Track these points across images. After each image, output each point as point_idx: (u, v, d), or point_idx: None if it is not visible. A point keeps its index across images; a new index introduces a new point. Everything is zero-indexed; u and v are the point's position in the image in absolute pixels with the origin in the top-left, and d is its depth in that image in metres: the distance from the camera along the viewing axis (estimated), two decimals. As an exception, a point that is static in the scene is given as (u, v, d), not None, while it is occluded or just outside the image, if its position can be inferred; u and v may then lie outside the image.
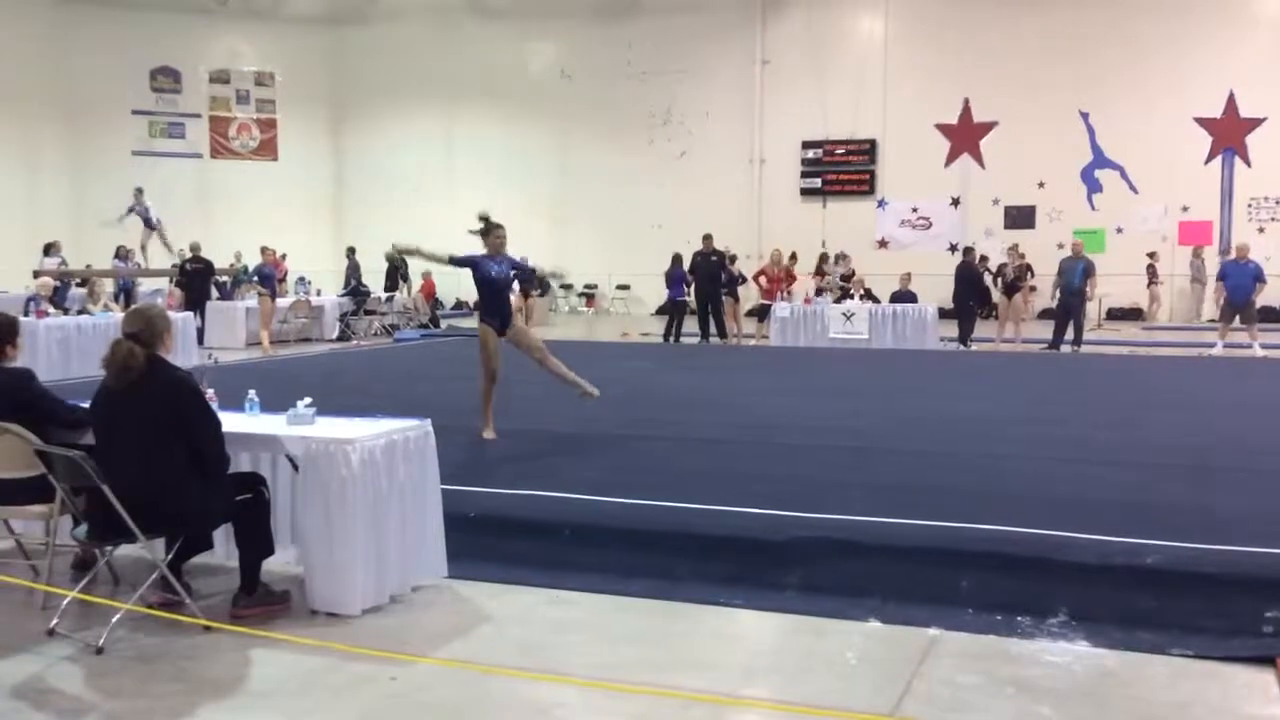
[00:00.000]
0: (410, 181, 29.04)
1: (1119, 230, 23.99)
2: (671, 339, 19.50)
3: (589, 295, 28.44)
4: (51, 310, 15.29)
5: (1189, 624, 4.75)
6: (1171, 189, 23.69)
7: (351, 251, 24.29)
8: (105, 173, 26.52)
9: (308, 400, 5.50)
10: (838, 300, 19.18)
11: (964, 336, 18.41)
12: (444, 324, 23.50)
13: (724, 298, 19.50)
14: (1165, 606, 4.89)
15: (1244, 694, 4.25)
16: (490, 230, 8.97)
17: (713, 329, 19.37)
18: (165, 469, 4.76)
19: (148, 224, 22.79)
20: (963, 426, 9.67)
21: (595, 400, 9.10)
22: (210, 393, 5.39)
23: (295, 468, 5.16)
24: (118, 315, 13.97)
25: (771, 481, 7.10)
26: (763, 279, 20.04)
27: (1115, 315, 23.74)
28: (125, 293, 20.87)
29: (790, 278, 20.28)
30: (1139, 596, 5.00)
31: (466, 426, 8.69)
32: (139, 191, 22.91)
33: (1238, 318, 17.58)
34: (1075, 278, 17.75)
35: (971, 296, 18.90)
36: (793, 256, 21.31)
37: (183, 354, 14.40)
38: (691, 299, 19.85)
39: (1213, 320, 20.06)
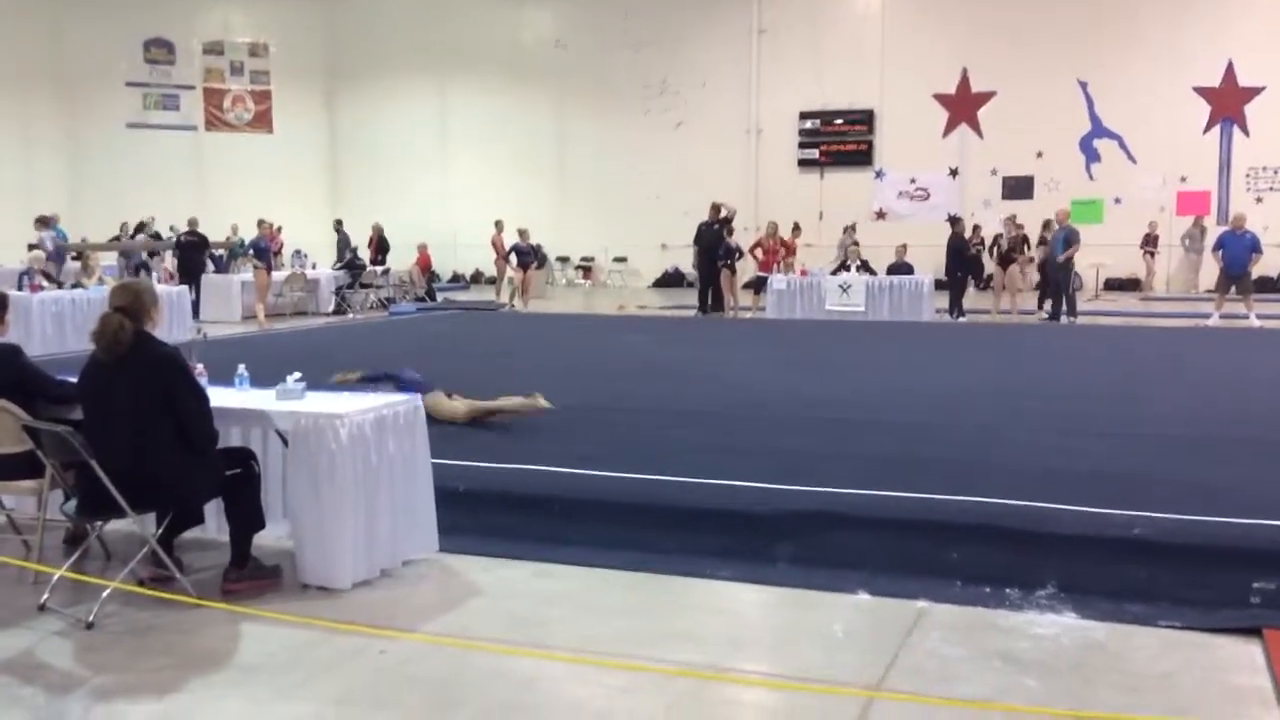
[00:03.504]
0: (405, 153, 28.93)
1: (1117, 200, 23.90)
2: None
3: (586, 268, 28.37)
4: (46, 284, 15.25)
5: (1177, 596, 4.77)
6: (1170, 159, 23.59)
7: (339, 224, 24.24)
8: (101, 145, 26.39)
9: (297, 375, 5.49)
10: (834, 272, 19.14)
11: (954, 308, 18.41)
12: (440, 297, 23.47)
13: (722, 270, 19.47)
14: (1154, 578, 4.91)
15: (1231, 665, 4.27)
16: None
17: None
18: (154, 444, 4.76)
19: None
20: (955, 398, 9.67)
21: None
22: (200, 368, 5.39)
23: (285, 442, 5.15)
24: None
25: (763, 455, 7.11)
26: (759, 251, 20.00)
27: (1113, 286, 23.71)
28: (141, 268, 20.65)
29: (788, 249, 20.23)
30: (1128, 568, 5.01)
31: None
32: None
33: (1234, 288, 17.55)
34: (1057, 247, 17.78)
35: (960, 267, 18.90)
36: (795, 228, 21.25)
37: (177, 328, 14.40)
38: (692, 270, 19.76)
39: (1210, 291, 20.02)
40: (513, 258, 21.88)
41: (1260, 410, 8.89)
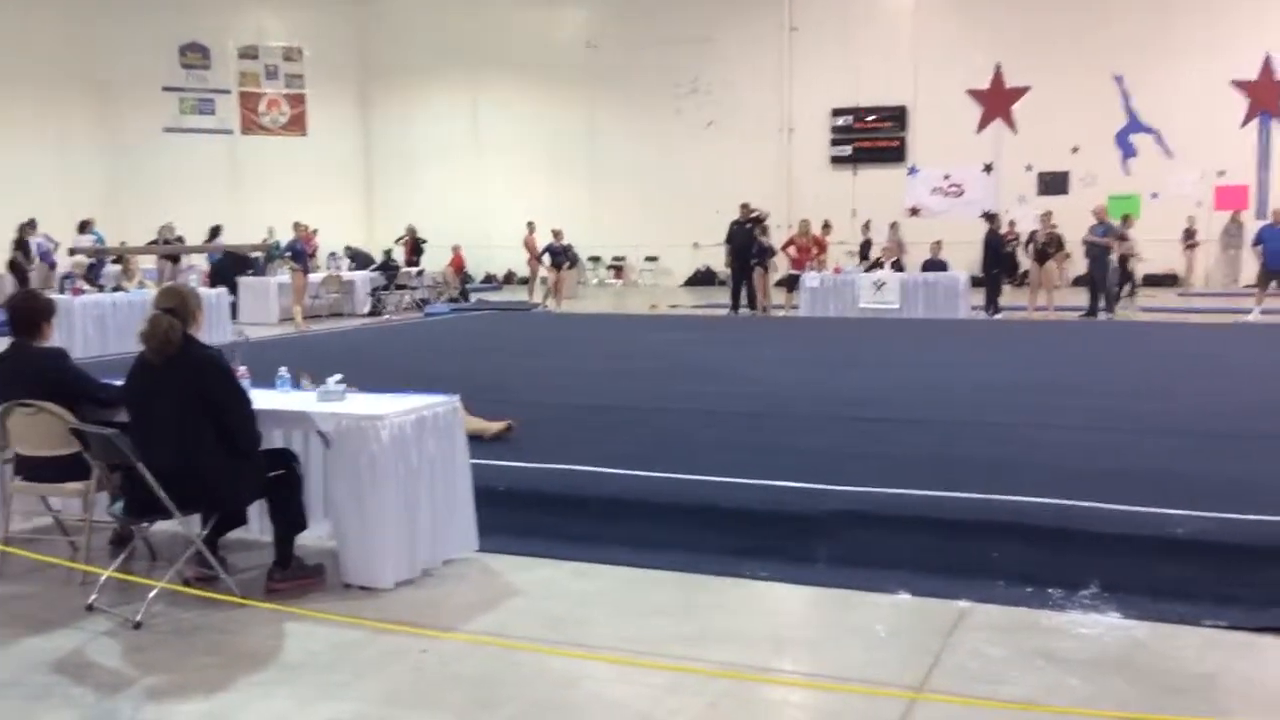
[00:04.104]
0: (438, 154, 29.08)
1: (1154, 195, 23.64)
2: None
3: (617, 267, 28.40)
4: (87, 287, 15.46)
5: (1221, 595, 4.72)
6: (1207, 153, 23.31)
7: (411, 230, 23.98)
8: (138, 150, 26.68)
9: (338, 376, 5.55)
10: (867, 270, 19.07)
11: (990, 304, 18.29)
12: (473, 298, 23.57)
13: (754, 268, 19.44)
14: (1197, 577, 4.86)
15: (1275, 665, 4.22)
16: None
17: (744, 300, 19.36)
18: (198, 446, 4.82)
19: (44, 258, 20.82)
20: (993, 396, 9.61)
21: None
22: (242, 370, 5.46)
23: (327, 444, 5.21)
24: (152, 292, 14.09)
25: (798, 453, 7.10)
26: (791, 249, 19.95)
27: (1151, 281, 23.44)
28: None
29: (820, 247, 20.18)
30: (1171, 567, 4.97)
31: (495, 401, 8.71)
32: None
33: (1275, 283, 17.33)
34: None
35: (996, 264, 18.77)
36: (825, 225, 21.18)
37: (216, 331, 14.55)
38: (724, 269, 19.73)
39: (1249, 286, 19.78)
40: (546, 258, 21.95)
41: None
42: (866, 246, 21.79)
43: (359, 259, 22.27)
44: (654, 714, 3.85)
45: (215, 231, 22.97)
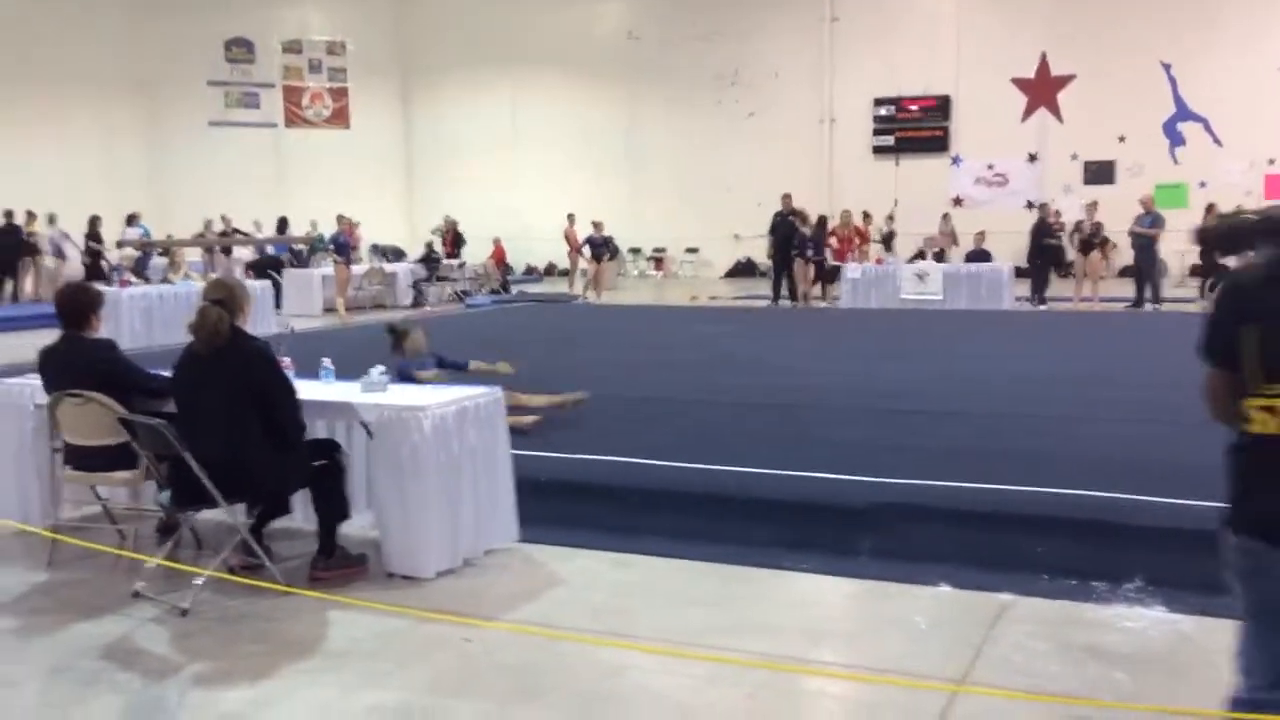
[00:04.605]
0: (479, 146, 29.18)
1: (1202, 184, 23.25)
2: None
3: (658, 259, 28.38)
4: (134, 280, 15.68)
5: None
6: (1257, 142, 22.90)
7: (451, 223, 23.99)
8: (183, 144, 26.99)
9: (381, 368, 5.60)
10: (910, 260, 18.94)
11: (1038, 295, 18.11)
12: (514, 289, 23.66)
13: (795, 260, 19.37)
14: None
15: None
16: (401, 339, 7.84)
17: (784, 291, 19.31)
18: (245, 437, 4.88)
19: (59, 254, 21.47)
20: (1037, 388, 9.51)
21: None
22: (287, 361, 5.51)
23: (370, 434, 5.25)
24: (198, 285, 14.27)
25: (837, 445, 7.08)
26: (833, 240, 19.86)
27: (1198, 272, 23.09)
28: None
29: (863, 238, 20.06)
30: (1216, 561, 4.89)
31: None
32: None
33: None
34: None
35: (1041, 254, 18.57)
36: (865, 216, 21.06)
37: (260, 322, 14.70)
38: (765, 260, 19.67)
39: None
40: (586, 250, 21.98)
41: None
42: (891, 238, 21.63)
43: (389, 254, 22.43)
44: (694, 704, 3.86)
45: (283, 224, 23.20)
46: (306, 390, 5.37)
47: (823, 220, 19.89)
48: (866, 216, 21.09)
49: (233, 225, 23.12)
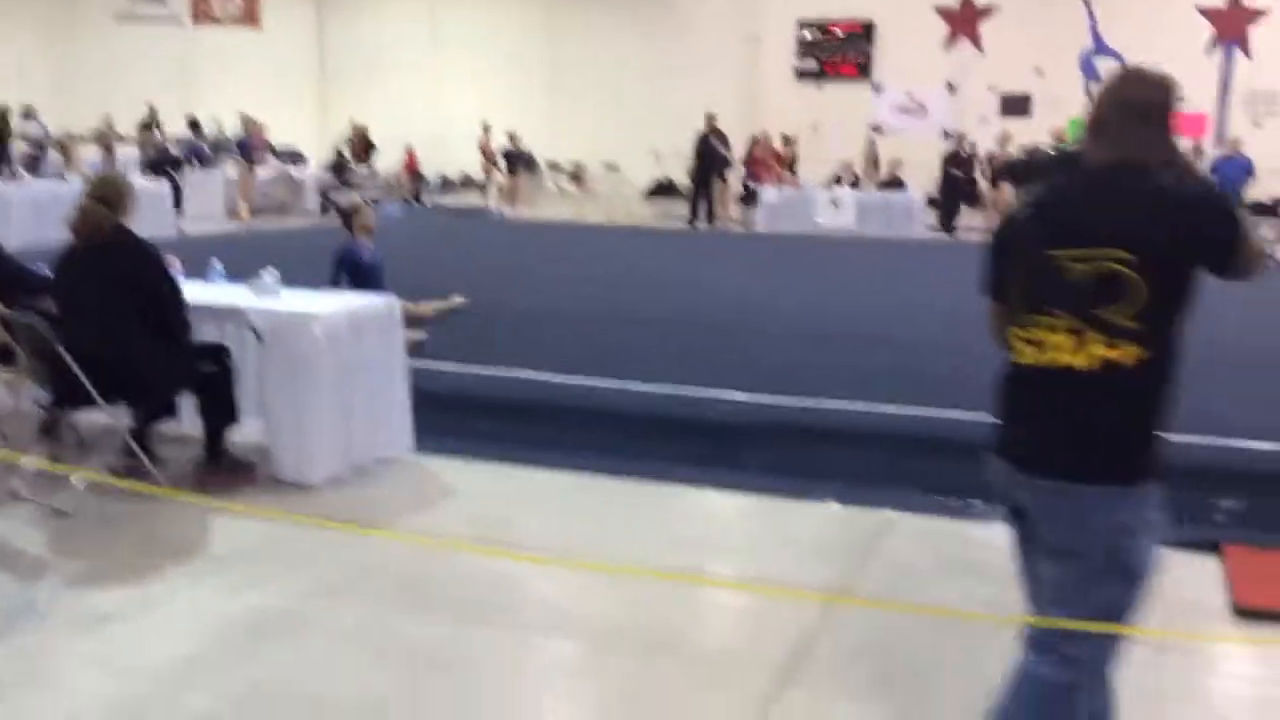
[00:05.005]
0: (395, 53, 28.38)
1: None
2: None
3: (576, 175, 28.08)
4: (26, 175, 15.06)
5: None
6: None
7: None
8: (88, 38, 25.82)
9: (273, 272, 5.46)
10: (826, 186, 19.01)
11: (947, 225, 18.34)
12: (427, 200, 23.24)
13: (714, 181, 19.32)
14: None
15: (1187, 580, 4.34)
16: (351, 217, 7.80)
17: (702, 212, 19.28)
18: (127, 335, 4.75)
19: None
20: (939, 315, 9.65)
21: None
22: (175, 260, 5.35)
23: (259, 338, 5.14)
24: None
25: (745, 366, 7.11)
26: (751, 163, 19.82)
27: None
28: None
29: (781, 161, 20.03)
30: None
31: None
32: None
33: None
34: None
35: (954, 185, 18.79)
36: (786, 140, 21.01)
37: (159, 225, 14.26)
38: (685, 181, 19.61)
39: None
40: (501, 162, 21.64)
41: (1218, 329, 8.94)
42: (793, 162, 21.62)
43: (286, 157, 21.76)
44: (581, 613, 3.90)
45: (196, 125, 22.31)
46: (195, 292, 5.23)
47: (757, 141, 19.70)
48: (787, 140, 21.04)
49: (158, 118, 22.10)
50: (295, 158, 22.08)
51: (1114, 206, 2.42)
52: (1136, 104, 2.52)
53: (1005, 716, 2.66)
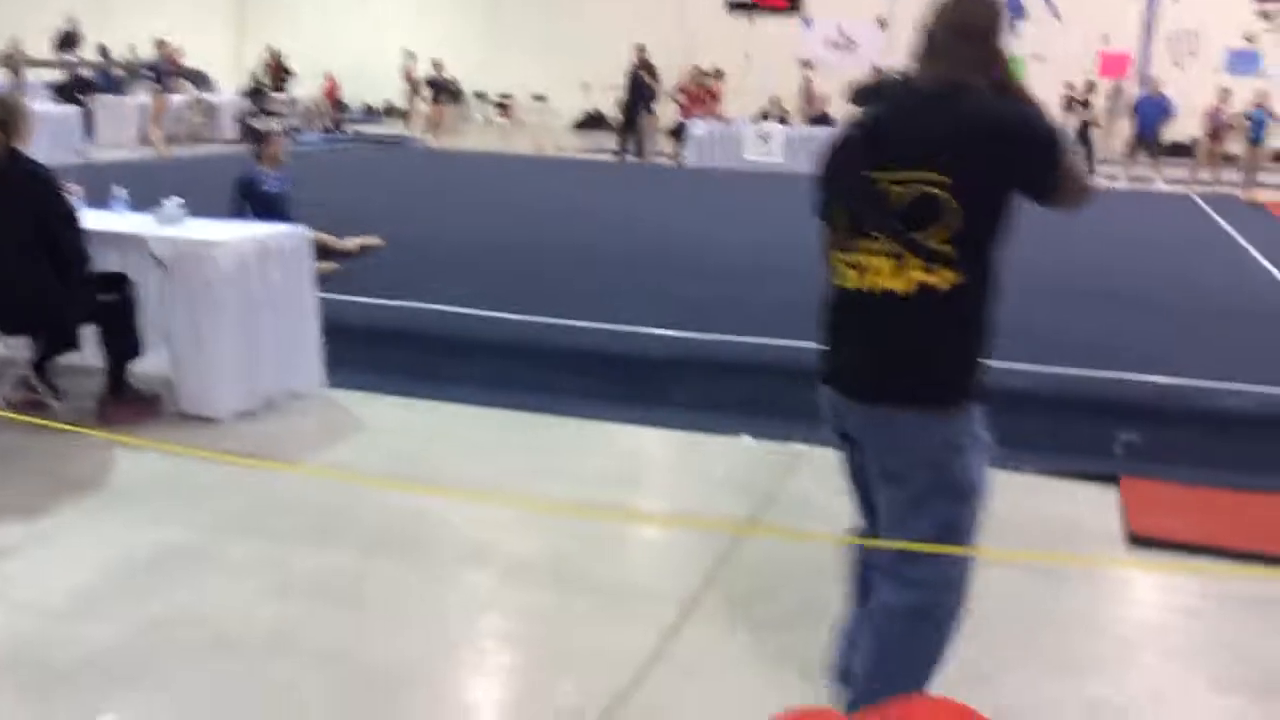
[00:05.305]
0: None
1: (1038, 58, 23.78)
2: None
3: (504, 105, 27.64)
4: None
5: (1039, 444, 4.91)
6: (1094, 18, 23.47)
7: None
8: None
9: (178, 199, 5.31)
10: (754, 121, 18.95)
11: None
12: (349, 129, 22.74)
13: (642, 113, 19.14)
14: (1020, 426, 5.04)
15: (1086, 509, 4.46)
16: (263, 141, 7.62)
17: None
18: (22, 264, 4.60)
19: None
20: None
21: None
22: (75, 187, 5.18)
23: (162, 267, 5.00)
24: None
25: (665, 300, 7.11)
26: (681, 96, 19.66)
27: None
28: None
29: (712, 95, 19.89)
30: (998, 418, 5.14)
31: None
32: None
33: (1144, 153, 17.79)
34: None
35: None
36: (717, 74, 20.84)
37: (66, 151, 13.79)
38: (613, 113, 19.42)
39: (1124, 154, 20.27)
40: (426, 91, 21.22)
41: (1124, 267, 9.16)
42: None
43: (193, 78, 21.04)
44: (493, 548, 3.89)
45: (69, 40, 21.38)
46: (96, 220, 5.07)
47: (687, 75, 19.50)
48: (718, 74, 20.87)
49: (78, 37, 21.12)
50: (199, 80, 21.21)
51: (932, 128, 2.37)
52: (963, 25, 2.47)
53: (850, 640, 2.70)
